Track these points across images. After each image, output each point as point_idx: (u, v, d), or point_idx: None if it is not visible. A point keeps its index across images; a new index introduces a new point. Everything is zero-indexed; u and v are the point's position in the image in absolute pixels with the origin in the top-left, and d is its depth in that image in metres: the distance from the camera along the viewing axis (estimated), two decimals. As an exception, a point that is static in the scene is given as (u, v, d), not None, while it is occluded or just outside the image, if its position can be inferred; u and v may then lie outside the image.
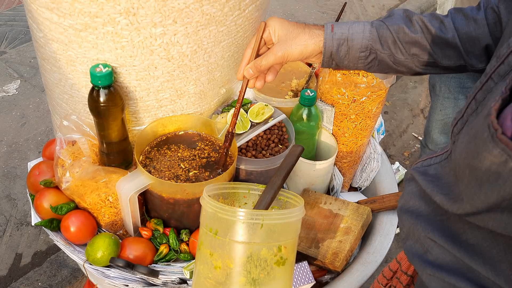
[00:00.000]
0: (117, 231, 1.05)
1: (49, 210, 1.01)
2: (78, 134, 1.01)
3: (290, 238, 0.76)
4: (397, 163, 2.54)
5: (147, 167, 1.01)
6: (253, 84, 0.91)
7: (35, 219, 1.05)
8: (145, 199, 1.05)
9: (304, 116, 1.15)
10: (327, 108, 1.18)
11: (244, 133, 1.10)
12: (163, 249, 1.01)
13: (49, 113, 1.22)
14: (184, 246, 1.02)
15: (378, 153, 1.29)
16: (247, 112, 1.13)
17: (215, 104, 1.13)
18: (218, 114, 1.13)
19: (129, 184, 0.94)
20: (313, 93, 1.12)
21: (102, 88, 0.90)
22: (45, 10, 0.85)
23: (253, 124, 1.12)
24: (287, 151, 1.08)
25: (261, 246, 0.73)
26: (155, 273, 0.96)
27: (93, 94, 0.91)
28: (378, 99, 1.14)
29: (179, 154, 1.04)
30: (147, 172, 0.96)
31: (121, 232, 1.05)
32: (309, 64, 1.37)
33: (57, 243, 1.02)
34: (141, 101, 1.00)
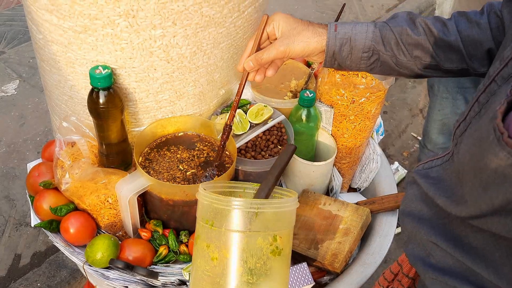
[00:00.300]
0: (116, 232, 1.05)
1: (49, 211, 1.01)
2: (78, 136, 1.01)
3: (284, 228, 0.78)
4: (396, 163, 2.54)
5: (146, 168, 1.01)
6: (253, 77, 0.90)
7: (34, 220, 1.05)
8: (144, 200, 1.05)
9: (303, 117, 1.15)
10: (326, 109, 1.18)
11: (243, 134, 1.10)
12: (163, 251, 1.01)
13: (48, 113, 1.22)
14: (183, 248, 1.02)
15: (377, 154, 1.29)
16: (246, 113, 1.13)
17: (214, 105, 1.13)
18: (217, 115, 1.14)
19: (128, 186, 0.94)
20: (312, 94, 1.12)
21: (102, 89, 0.90)
22: (44, 12, 0.85)
23: (252, 125, 1.12)
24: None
25: (256, 235, 0.74)
26: (154, 275, 0.96)
27: (92, 96, 0.91)
28: (377, 100, 1.15)
29: (178, 155, 1.04)
30: (146, 173, 0.96)
31: (120, 233, 1.06)
32: (308, 65, 1.37)
33: (57, 245, 1.02)
34: (140, 102, 1.00)
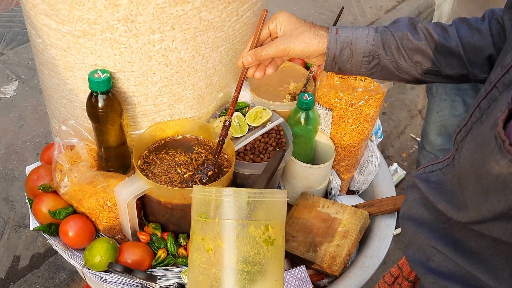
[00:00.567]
0: (115, 235, 1.05)
1: (48, 214, 1.02)
2: (77, 139, 1.02)
3: (275, 219, 0.80)
4: (395, 164, 2.55)
5: (144, 171, 1.01)
6: (252, 73, 0.90)
7: (33, 224, 1.05)
8: (143, 203, 1.06)
9: (302, 119, 1.15)
10: (325, 111, 1.19)
11: (241, 137, 1.10)
12: (161, 254, 1.01)
13: (47, 115, 1.22)
14: (182, 251, 1.02)
15: (376, 157, 1.29)
16: (245, 116, 1.13)
17: (213, 108, 1.13)
18: (216, 118, 1.14)
19: (127, 189, 0.95)
20: (310, 97, 1.12)
21: (101, 93, 0.90)
22: (43, 16, 0.85)
23: (251, 128, 1.13)
24: (286, 155, 1.08)
25: (249, 223, 0.76)
26: (153, 278, 0.96)
27: (91, 100, 0.91)
28: (375, 103, 1.15)
29: (176, 158, 1.05)
30: (145, 177, 0.96)
31: (119, 236, 1.06)
32: (307, 68, 1.38)
33: (56, 248, 1.03)
34: (139, 106, 1.00)
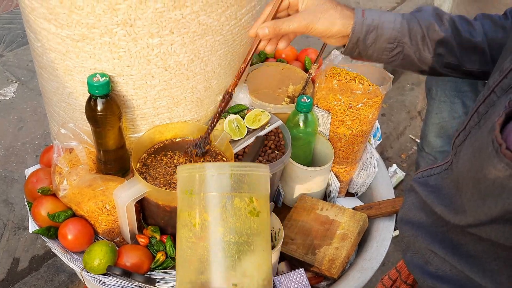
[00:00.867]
0: (114, 238, 1.05)
1: (47, 217, 1.02)
2: (76, 142, 1.02)
3: (259, 191, 0.80)
4: (394, 166, 2.55)
5: (143, 174, 1.01)
6: (264, 46, 0.85)
7: (32, 226, 1.05)
8: (142, 206, 1.06)
9: (301, 122, 1.16)
10: (324, 114, 1.19)
11: (240, 139, 1.11)
12: (160, 257, 1.01)
13: (46, 117, 1.23)
14: (181, 253, 1.03)
15: (374, 159, 1.30)
16: (243, 119, 1.14)
17: (212, 111, 1.13)
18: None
19: (126, 192, 0.95)
20: (309, 100, 1.13)
21: (100, 97, 0.90)
22: (43, 20, 0.85)
23: (249, 131, 1.13)
24: (285, 157, 1.08)
25: (233, 195, 0.76)
26: (152, 281, 0.96)
27: (90, 103, 0.91)
28: (374, 105, 1.15)
29: (175, 160, 1.05)
30: (143, 180, 0.96)
31: (118, 239, 1.06)
32: (306, 70, 1.38)
33: (55, 251, 1.03)
34: (138, 109, 1.01)
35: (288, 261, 1.11)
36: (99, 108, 0.91)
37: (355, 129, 1.19)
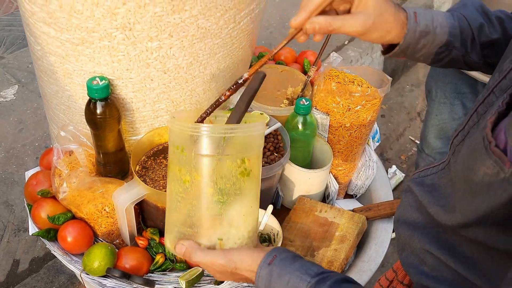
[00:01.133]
0: (113, 240, 1.06)
1: (46, 220, 1.02)
2: (75, 145, 1.02)
3: (252, 150, 0.77)
4: (394, 167, 2.55)
5: (142, 176, 1.02)
6: (299, 36, 0.76)
7: (32, 229, 1.06)
8: (141, 208, 1.06)
9: (300, 124, 1.16)
10: (322, 116, 1.19)
11: (240, 142, 1.11)
12: (159, 259, 1.02)
13: (47, 119, 1.23)
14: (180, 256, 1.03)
15: (373, 161, 1.30)
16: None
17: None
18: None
19: (125, 195, 0.95)
20: (308, 102, 1.13)
21: (99, 100, 0.91)
22: (42, 24, 0.86)
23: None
24: (283, 159, 1.09)
25: (225, 158, 0.74)
26: (151, 283, 0.97)
27: (90, 106, 0.92)
28: (372, 107, 1.16)
29: (176, 163, 1.05)
30: (143, 182, 0.97)
31: (117, 241, 1.06)
32: (305, 72, 1.38)
33: (55, 253, 1.03)
34: (137, 112, 1.01)
35: (287, 263, 1.11)
36: (98, 111, 0.91)
37: (354, 131, 1.19)
